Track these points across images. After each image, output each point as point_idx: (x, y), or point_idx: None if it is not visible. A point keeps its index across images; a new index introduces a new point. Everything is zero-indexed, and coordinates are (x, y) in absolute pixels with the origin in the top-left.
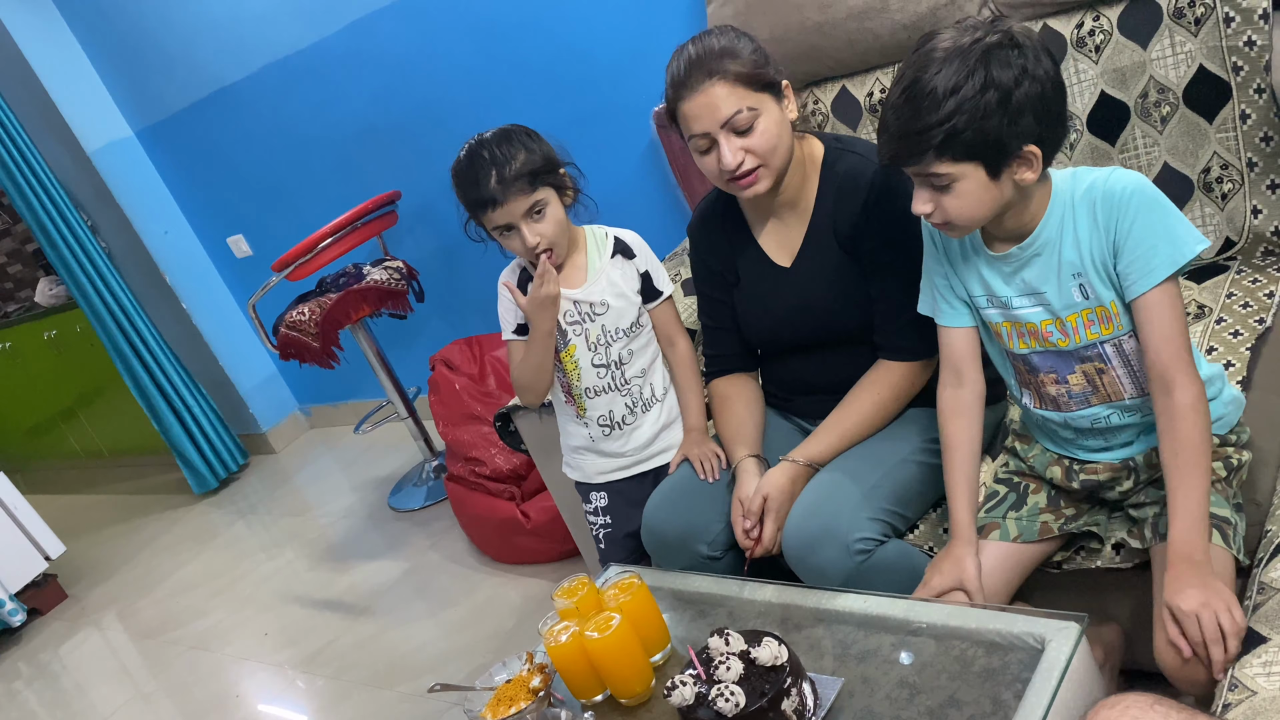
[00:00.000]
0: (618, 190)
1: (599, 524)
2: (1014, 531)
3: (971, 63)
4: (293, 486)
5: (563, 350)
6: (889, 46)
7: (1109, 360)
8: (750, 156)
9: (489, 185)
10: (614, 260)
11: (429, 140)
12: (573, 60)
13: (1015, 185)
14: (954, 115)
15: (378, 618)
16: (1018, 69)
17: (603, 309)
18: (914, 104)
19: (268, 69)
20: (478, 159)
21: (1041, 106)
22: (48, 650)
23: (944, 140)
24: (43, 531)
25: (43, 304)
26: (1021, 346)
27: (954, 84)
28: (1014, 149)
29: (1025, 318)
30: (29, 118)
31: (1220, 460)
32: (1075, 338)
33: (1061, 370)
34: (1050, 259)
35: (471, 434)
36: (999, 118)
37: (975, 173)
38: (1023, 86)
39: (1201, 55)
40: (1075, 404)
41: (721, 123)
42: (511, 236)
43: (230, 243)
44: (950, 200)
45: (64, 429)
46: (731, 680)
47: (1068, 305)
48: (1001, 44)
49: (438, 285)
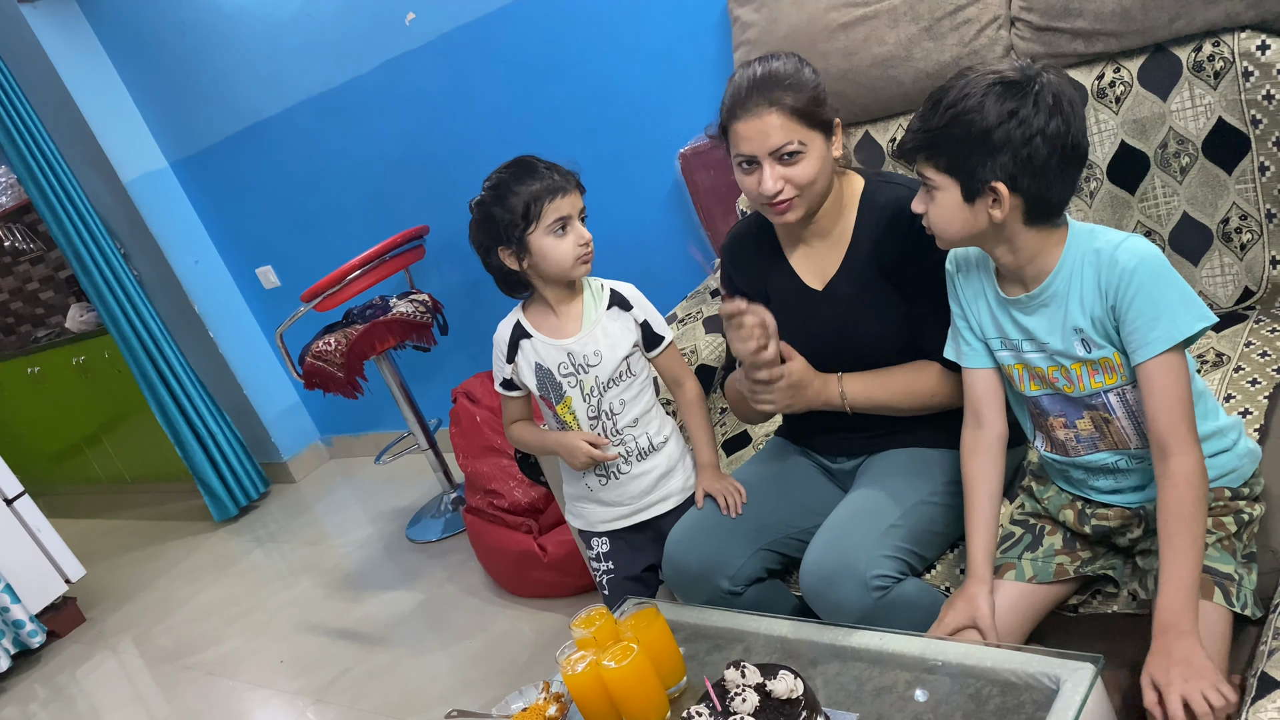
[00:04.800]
0: (642, 230)
1: (601, 570)
2: (1029, 572)
3: (981, 87)
4: (312, 516)
5: (559, 404)
6: (911, 94)
7: (1113, 410)
8: (789, 186)
9: (553, 176)
10: (610, 312)
11: (457, 177)
12: (601, 102)
13: (990, 219)
14: (945, 127)
15: (393, 648)
16: (1008, 111)
17: (596, 360)
18: (929, 103)
19: (301, 105)
20: (528, 164)
21: (1024, 154)
22: (64, 673)
23: (930, 144)
24: (64, 554)
25: (73, 330)
26: (1032, 389)
27: (956, 99)
28: (984, 180)
29: (1033, 362)
30: (69, 148)
31: (1231, 515)
32: (1080, 385)
33: (1070, 415)
34: (1056, 311)
35: (491, 466)
36: (976, 147)
37: (952, 188)
38: (1006, 127)
39: (1221, 108)
40: (1083, 448)
41: (770, 151)
42: (566, 233)
43: (259, 273)
44: (932, 207)
45: (88, 454)
46: (747, 713)
47: (1070, 357)
48: (1016, 84)
49: (462, 319)
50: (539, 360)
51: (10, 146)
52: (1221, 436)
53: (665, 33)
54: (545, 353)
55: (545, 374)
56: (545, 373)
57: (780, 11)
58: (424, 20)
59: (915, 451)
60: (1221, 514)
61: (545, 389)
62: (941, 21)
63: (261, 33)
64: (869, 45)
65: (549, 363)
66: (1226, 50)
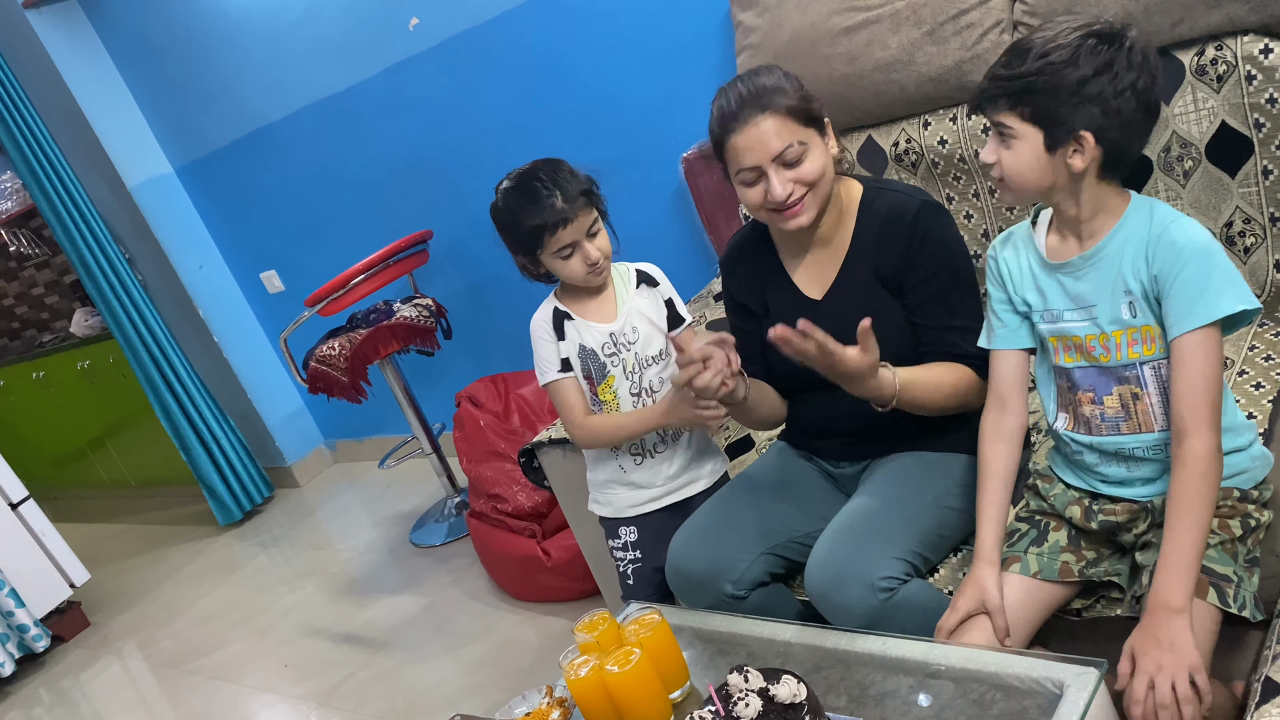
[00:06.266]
0: (645, 234)
1: (628, 559)
2: (1035, 566)
3: (1072, 39)
4: (315, 520)
5: (601, 383)
6: (914, 98)
7: (1145, 385)
8: (799, 186)
9: (555, 205)
10: (639, 290)
11: (461, 182)
12: (604, 106)
13: (1067, 170)
14: (1035, 75)
15: (397, 653)
16: (1102, 63)
17: (635, 336)
18: (1012, 52)
19: (306, 110)
20: (534, 185)
21: (1115, 106)
22: (69, 677)
23: (1018, 92)
24: (68, 559)
25: (78, 334)
26: (1066, 360)
27: (1048, 49)
28: (1073, 129)
29: (1072, 330)
30: (74, 153)
31: (1238, 517)
32: (1117, 355)
33: (1100, 389)
34: (1107, 274)
35: (494, 470)
36: (1068, 96)
37: (1034, 137)
38: (1100, 79)
39: (1224, 112)
40: (1106, 428)
41: (773, 156)
42: (573, 257)
43: (263, 278)
44: (1007, 155)
45: (92, 458)
46: (750, 717)
47: (1114, 321)
48: (1109, 37)
49: (465, 323)
50: (582, 341)
51: (16, 151)
52: (1237, 435)
53: (668, 37)
54: (588, 334)
55: (589, 354)
56: (589, 353)
57: (783, 16)
58: (427, 25)
59: (920, 455)
60: (1229, 516)
61: (588, 369)
62: (944, 26)
63: (265, 38)
64: (871, 50)
65: (592, 343)
66: (1229, 54)
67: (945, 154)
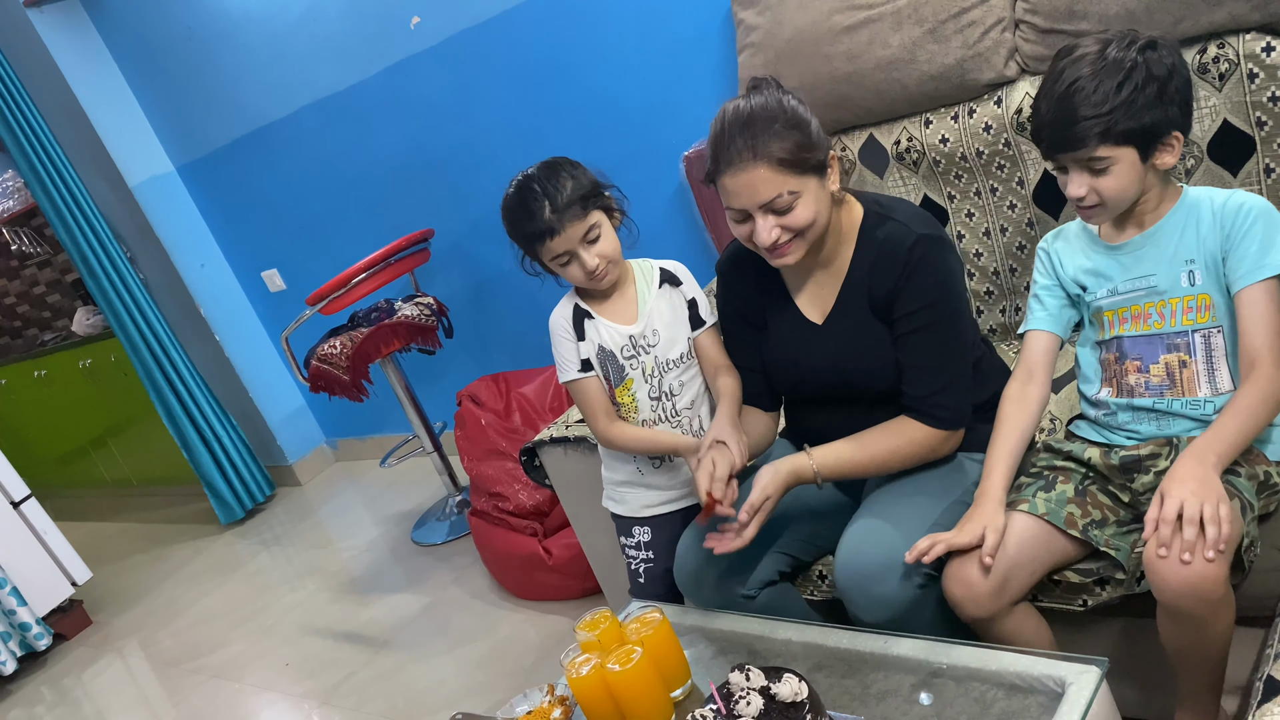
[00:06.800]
0: (647, 232)
1: (640, 559)
2: (1042, 508)
3: (1131, 61)
4: (317, 519)
5: (619, 385)
6: (916, 97)
7: (1194, 352)
8: (785, 232)
9: (544, 215)
10: (662, 290)
11: (462, 180)
12: (605, 105)
13: (1156, 169)
14: (1120, 107)
15: (398, 652)
16: (1168, 65)
17: (655, 339)
18: (1082, 96)
19: (307, 109)
20: (528, 193)
21: (1183, 98)
22: (71, 675)
23: (1109, 127)
24: (70, 557)
25: (79, 333)
26: (1119, 329)
27: (1122, 78)
28: (1164, 135)
29: (1131, 300)
30: (75, 152)
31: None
32: (1171, 321)
33: (1147, 357)
34: (1166, 248)
35: (496, 469)
36: (1156, 107)
37: (1130, 155)
38: (1174, 80)
39: (1226, 110)
40: (1150, 394)
41: (760, 204)
42: (570, 265)
43: (264, 277)
44: (1106, 181)
45: (94, 457)
46: (751, 715)
47: (1173, 288)
48: (1151, 45)
49: (467, 322)
50: (602, 342)
51: (17, 150)
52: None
53: (669, 36)
54: (608, 335)
55: (608, 356)
56: (608, 354)
57: (784, 15)
58: (429, 24)
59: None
60: (1258, 463)
61: (606, 370)
62: (946, 24)
63: (266, 37)
64: (873, 48)
65: (611, 345)
66: (1232, 52)
67: (947, 152)
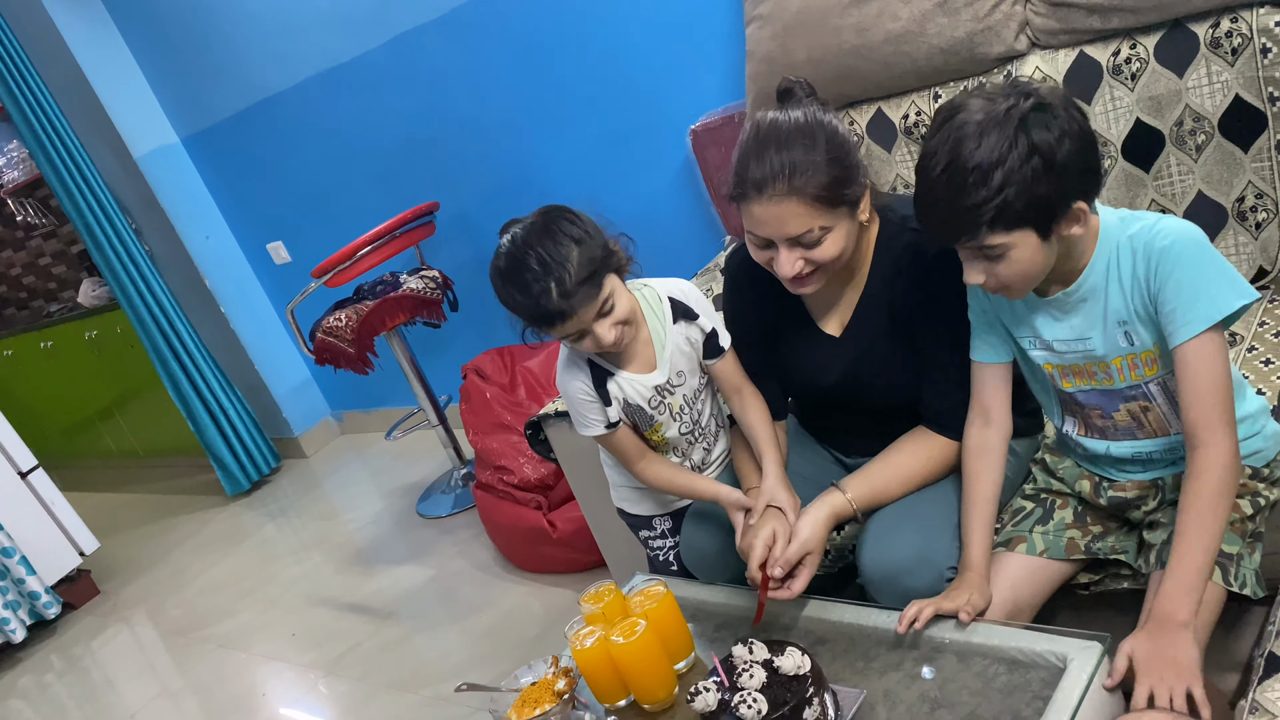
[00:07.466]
0: (653, 206)
1: (665, 546)
2: (1040, 546)
3: (1011, 131)
4: (323, 491)
5: (648, 430)
6: (925, 70)
7: (1154, 399)
8: (809, 264)
9: (551, 300)
10: (676, 326)
11: (468, 153)
12: (611, 78)
13: (1065, 240)
14: (1004, 188)
15: (403, 623)
16: (1057, 131)
17: (680, 380)
18: (958, 181)
19: (312, 80)
20: (525, 269)
21: (1082, 163)
22: (79, 644)
23: (996, 214)
24: (77, 527)
25: (85, 305)
26: (1066, 385)
27: (998, 156)
28: (1063, 209)
29: (1070, 360)
30: (80, 123)
31: (1247, 496)
32: (1120, 378)
33: (1106, 408)
34: (1096, 305)
35: (500, 443)
36: (1046, 182)
37: (1027, 238)
38: (1064, 146)
39: (1238, 85)
40: (1121, 435)
41: (788, 238)
42: (582, 340)
43: (270, 249)
44: (1004, 267)
45: (100, 428)
46: (754, 688)
47: (1112, 350)
48: (1035, 108)
49: (472, 295)
50: (627, 398)
51: (22, 121)
52: (1251, 421)
53: (677, 8)
54: (632, 390)
55: (634, 410)
56: (634, 408)
57: None
58: None
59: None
60: (1239, 495)
61: (633, 420)
62: None
63: (272, 6)
64: (882, 21)
65: (638, 399)
66: (1244, 26)
67: None
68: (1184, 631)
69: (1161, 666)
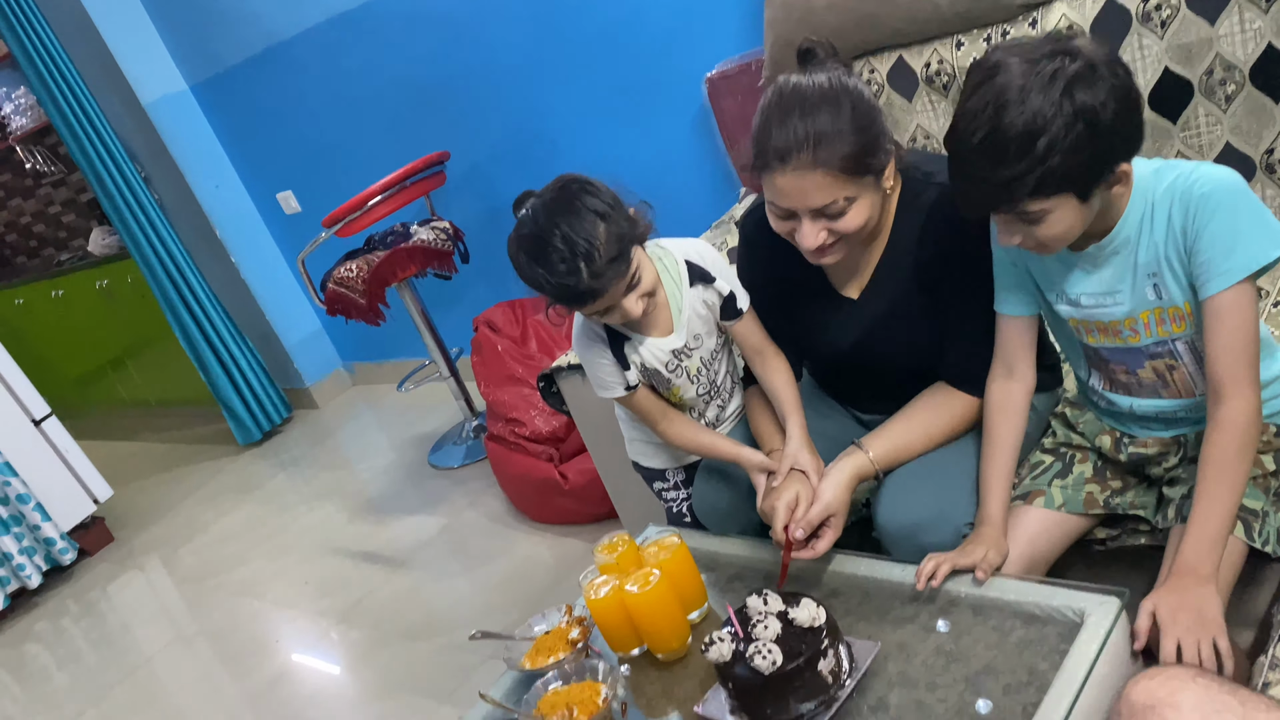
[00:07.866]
0: (667, 157)
1: (679, 498)
2: (1059, 499)
3: (1057, 96)
4: (334, 441)
5: (666, 392)
6: (948, 18)
7: (1180, 357)
8: (832, 235)
9: (582, 280)
10: (694, 289)
11: (479, 102)
12: (626, 25)
13: (1105, 199)
14: (1047, 157)
15: (415, 572)
16: (1103, 93)
17: (697, 343)
18: (999, 150)
19: (321, 26)
20: (551, 249)
21: (1129, 124)
22: (95, 589)
23: (1037, 184)
24: (91, 475)
25: (96, 253)
26: (1091, 340)
27: (1041, 123)
28: (1107, 172)
29: (1096, 315)
30: (88, 70)
31: (1271, 453)
32: (1146, 333)
33: (1131, 364)
34: (1128, 258)
35: (512, 395)
36: (1091, 147)
37: (1067, 201)
38: (1109, 109)
39: (1271, 33)
40: (1145, 393)
41: (812, 209)
42: (611, 313)
43: (279, 198)
44: (1042, 229)
45: (113, 378)
46: (769, 639)
47: (1141, 303)
48: (1080, 70)
49: (483, 247)
50: (644, 362)
51: (30, 68)
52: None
53: None
54: (649, 355)
55: (652, 373)
56: (651, 372)
57: None
58: None
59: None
60: (1263, 451)
61: (651, 383)
62: None
63: None
64: None
65: (655, 363)
66: None
67: None
68: (1208, 585)
69: (1187, 620)
